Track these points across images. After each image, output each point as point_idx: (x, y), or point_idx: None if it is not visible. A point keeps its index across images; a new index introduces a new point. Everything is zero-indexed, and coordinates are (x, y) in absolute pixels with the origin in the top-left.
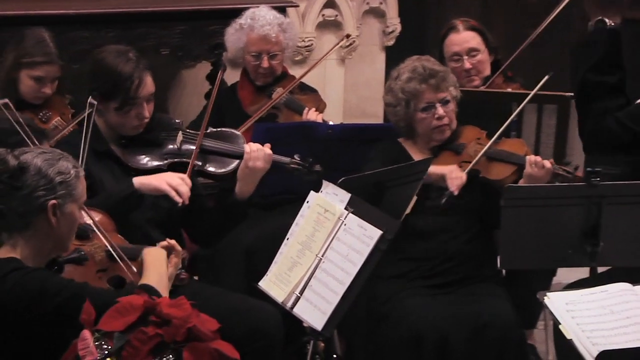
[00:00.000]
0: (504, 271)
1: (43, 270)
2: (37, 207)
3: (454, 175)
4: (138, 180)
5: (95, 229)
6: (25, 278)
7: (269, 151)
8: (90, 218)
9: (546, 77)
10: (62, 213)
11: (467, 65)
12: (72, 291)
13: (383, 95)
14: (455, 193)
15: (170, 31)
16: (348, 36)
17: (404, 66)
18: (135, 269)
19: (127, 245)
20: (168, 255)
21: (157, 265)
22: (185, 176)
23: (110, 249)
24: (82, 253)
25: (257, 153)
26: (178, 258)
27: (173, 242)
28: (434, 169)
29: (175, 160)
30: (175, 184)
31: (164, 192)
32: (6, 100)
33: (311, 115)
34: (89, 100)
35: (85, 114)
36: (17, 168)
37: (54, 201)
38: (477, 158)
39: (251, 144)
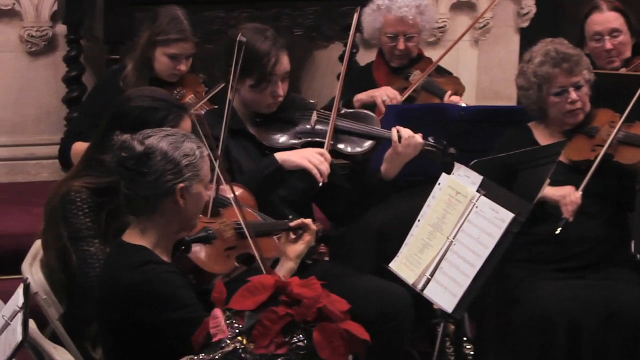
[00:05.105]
0: (638, 256)
1: (177, 274)
2: (165, 191)
3: (567, 201)
4: (280, 157)
5: (233, 203)
6: (158, 278)
7: (420, 140)
8: (232, 192)
9: None
10: (189, 194)
11: (608, 45)
12: (193, 315)
13: (515, 78)
14: (571, 219)
15: (304, 12)
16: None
17: (537, 49)
18: (271, 245)
19: (262, 221)
20: (301, 233)
21: (295, 262)
22: (325, 151)
23: (244, 226)
24: (210, 232)
25: (409, 140)
26: (311, 236)
27: (307, 220)
28: (547, 192)
29: (310, 139)
30: (316, 163)
31: (306, 169)
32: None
33: (454, 99)
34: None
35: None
36: (143, 154)
37: (181, 184)
38: (609, 141)
39: (402, 129)
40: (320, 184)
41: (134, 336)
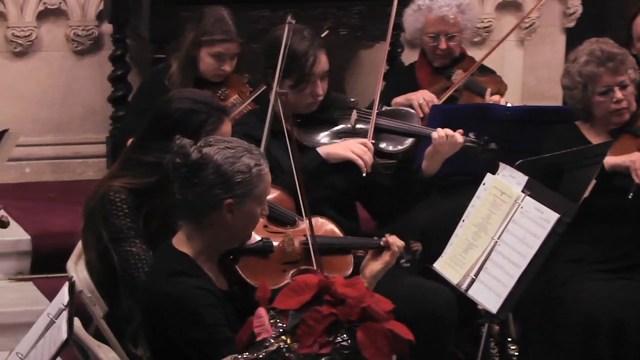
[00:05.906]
0: None
1: (207, 291)
2: (212, 204)
3: (638, 166)
4: (323, 150)
5: (304, 216)
6: (183, 292)
7: (460, 138)
8: (303, 209)
9: None
10: (238, 210)
11: None
12: (212, 337)
13: (560, 78)
14: None
15: (349, 11)
16: None
17: (582, 49)
18: (341, 264)
19: (339, 237)
20: (382, 251)
21: (369, 282)
22: (367, 141)
23: (309, 241)
24: (268, 244)
25: (448, 139)
26: (391, 257)
27: (393, 240)
28: (614, 159)
29: (350, 139)
30: (360, 153)
31: (351, 160)
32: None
33: (494, 98)
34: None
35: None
36: (196, 163)
37: (229, 200)
38: None
39: (439, 129)
40: (365, 174)
41: (166, 341)
